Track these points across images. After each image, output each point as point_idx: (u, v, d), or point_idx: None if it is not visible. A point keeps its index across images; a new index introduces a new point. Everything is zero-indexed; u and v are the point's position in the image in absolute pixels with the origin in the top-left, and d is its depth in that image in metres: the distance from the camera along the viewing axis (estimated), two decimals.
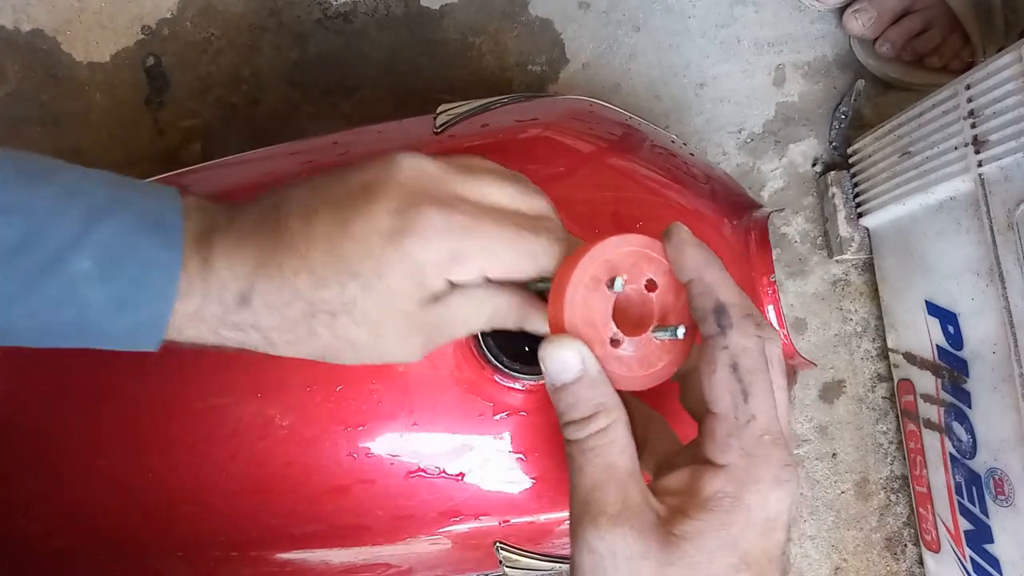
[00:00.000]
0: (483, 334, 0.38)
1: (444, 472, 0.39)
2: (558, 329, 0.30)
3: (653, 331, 0.30)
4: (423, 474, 0.39)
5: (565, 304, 0.29)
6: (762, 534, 0.27)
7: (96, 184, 0.30)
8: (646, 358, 0.30)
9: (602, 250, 0.30)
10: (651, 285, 0.30)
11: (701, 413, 0.29)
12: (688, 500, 0.28)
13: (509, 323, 0.33)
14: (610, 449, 0.29)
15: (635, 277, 0.30)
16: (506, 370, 0.38)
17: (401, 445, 0.39)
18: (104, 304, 0.29)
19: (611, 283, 0.29)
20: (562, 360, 0.29)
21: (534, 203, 0.32)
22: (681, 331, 0.29)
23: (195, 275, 0.29)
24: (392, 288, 0.29)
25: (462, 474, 0.39)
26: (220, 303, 0.30)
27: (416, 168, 0.30)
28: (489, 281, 0.31)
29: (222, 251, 0.30)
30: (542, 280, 0.32)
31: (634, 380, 0.30)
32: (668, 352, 0.30)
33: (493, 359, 0.38)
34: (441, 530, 0.41)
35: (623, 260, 0.30)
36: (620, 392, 0.30)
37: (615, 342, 0.30)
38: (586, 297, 0.30)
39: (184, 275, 0.29)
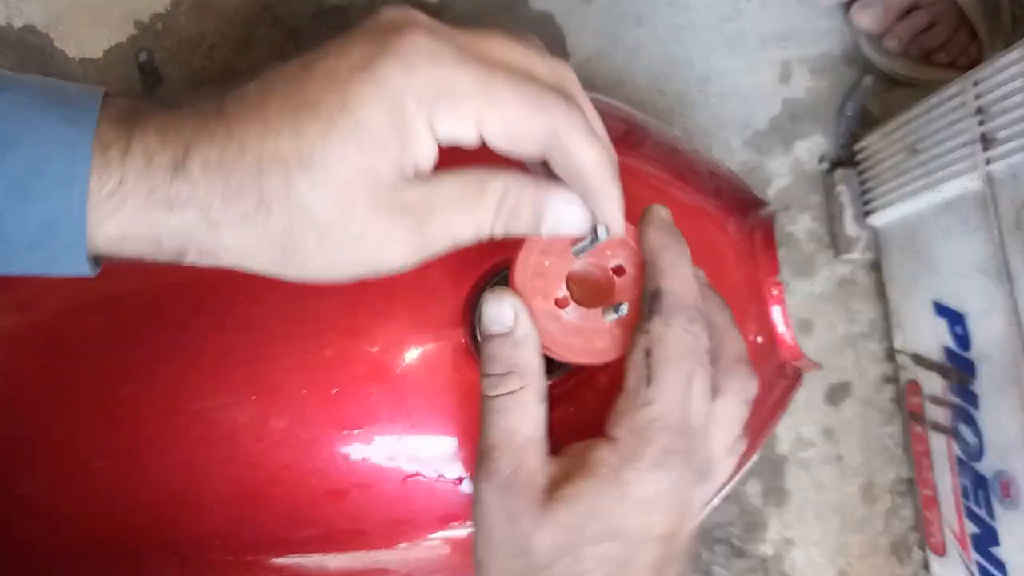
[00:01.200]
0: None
1: (443, 476, 0.39)
2: (512, 276, 0.30)
3: (604, 311, 0.30)
4: (421, 478, 0.39)
5: (523, 248, 0.30)
6: (636, 511, 0.28)
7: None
8: (588, 332, 0.31)
9: None
10: (619, 270, 0.31)
11: None
12: (576, 465, 0.29)
13: (525, 217, 0.27)
14: (514, 414, 0.29)
15: (606, 258, 0.31)
16: None
17: (399, 448, 0.38)
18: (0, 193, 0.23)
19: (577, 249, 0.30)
20: (499, 312, 0.29)
21: (555, 65, 0.27)
22: (624, 308, 0.30)
23: (116, 157, 0.24)
24: (361, 126, 0.23)
25: (461, 478, 0.39)
26: (148, 177, 0.24)
27: (402, 12, 0.25)
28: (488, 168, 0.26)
29: (154, 125, 0.24)
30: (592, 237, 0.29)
31: (565, 347, 0.31)
32: (612, 338, 0.31)
33: None
34: (439, 535, 0.40)
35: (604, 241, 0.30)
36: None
37: (561, 303, 0.30)
38: (547, 251, 0.30)
39: (102, 158, 0.23)
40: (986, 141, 0.49)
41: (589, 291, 0.31)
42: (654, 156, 0.44)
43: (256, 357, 0.38)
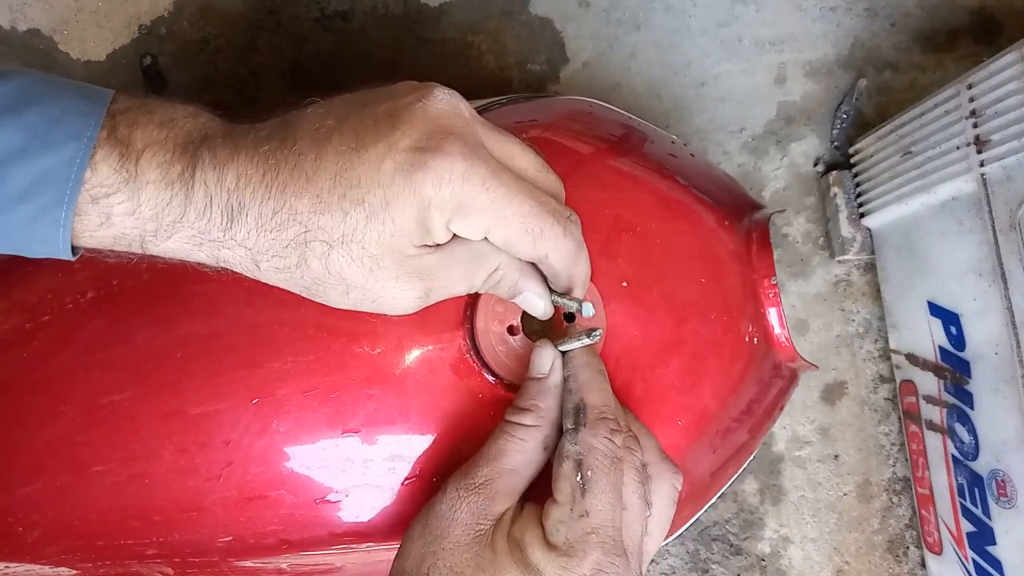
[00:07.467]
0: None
1: (442, 478, 0.39)
2: (479, 297, 0.37)
3: (576, 335, 0.35)
4: (421, 480, 0.39)
5: None
6: None
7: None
8: (526, 360, 0.36)
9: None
10: (570, 317, 0.37)
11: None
12: (519, 548, 0.31)
13: (504, 289, 0.34)
14: (513, 443, 0.33)
15: (563, 305, 0.36)
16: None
17: (399, 451, 0.38)
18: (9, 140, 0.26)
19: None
20: (541, 361, 0.34)
21: (552, 180, 0.34)
22: (598, 335, 0.35)
23: (172, 182, 0.27)
24: (396, 222, 0.28)
25: None
26: (206, 219, 0.28)
27: (449, 103, 0.30)
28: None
29: (211, 162, 0.28)
30: (561, 294, 0.36)
31: (505, 367, 0.36)
32: None
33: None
34: None
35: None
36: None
37: (513, 331, 0.37)
38: None
39: (111, 131, 0.27)
40: (980, 143, 0.49)
41: (538, 327, 0.37)
42: (651, 160, 0.45)
43: (257, 360, 0.38)
